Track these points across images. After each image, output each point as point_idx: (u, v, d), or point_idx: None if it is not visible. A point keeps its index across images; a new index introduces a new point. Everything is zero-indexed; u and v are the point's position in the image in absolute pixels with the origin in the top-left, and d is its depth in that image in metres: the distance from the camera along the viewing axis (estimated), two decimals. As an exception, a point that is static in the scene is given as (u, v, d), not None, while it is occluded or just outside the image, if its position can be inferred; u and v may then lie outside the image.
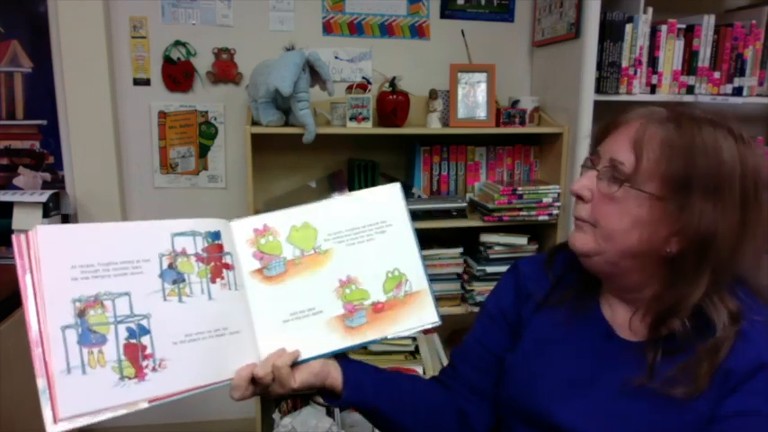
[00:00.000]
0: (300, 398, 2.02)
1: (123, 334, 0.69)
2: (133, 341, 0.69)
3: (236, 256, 0.79)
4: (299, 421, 1.89)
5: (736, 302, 0.74)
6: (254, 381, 0.75)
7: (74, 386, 0.65)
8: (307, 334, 0.79)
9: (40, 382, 0.64)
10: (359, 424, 1.99)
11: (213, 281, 0.76)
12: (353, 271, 0.82)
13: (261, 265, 0.80)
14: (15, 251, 0.66)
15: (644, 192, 0.72)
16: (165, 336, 0.71)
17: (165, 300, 0.72)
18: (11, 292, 1.57)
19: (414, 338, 2.05)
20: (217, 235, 0.78)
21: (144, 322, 0.70)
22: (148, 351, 0.69)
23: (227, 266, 0.77)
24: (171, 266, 0.73)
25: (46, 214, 1.82)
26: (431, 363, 2.03)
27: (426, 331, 2.09)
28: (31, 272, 0.66)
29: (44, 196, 1.82)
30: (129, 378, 0.68)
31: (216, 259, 0.77)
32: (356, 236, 0.83)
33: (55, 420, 0.63)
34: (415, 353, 2.04)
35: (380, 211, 0.85)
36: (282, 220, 0.82)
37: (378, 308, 0.82)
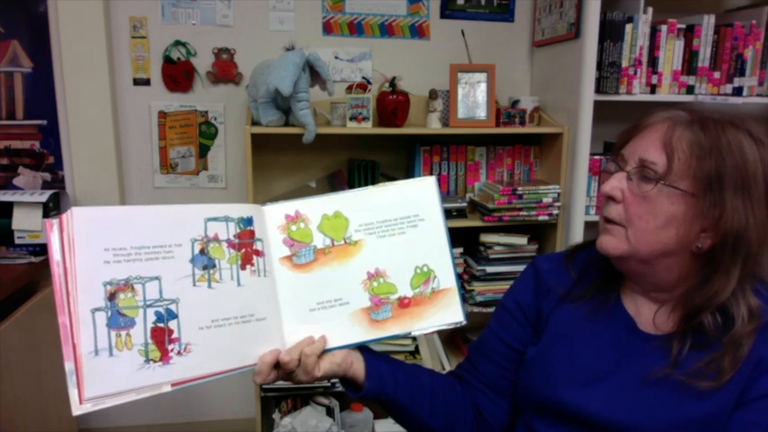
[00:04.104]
0: (300, 398, 2.02)
1: (151, 318, 0.69)
2: (160, 325, 0.70)
3: (266, 242, 0.79)
4: (299, 421, 1.89)
5: (756, 300, 0.77)
6: (276, 366, 0.76)
7: (100, 368, 0.66)
8: (332, 324, 0.80)
9: (68, 366, 0.64)
10: (359, 424, 1.99)
11: (243, 267, 0.76)
12: (382, 264, 0.82)
13: (290, 252, 0.80)
14: (48, 234, 0.66)
15: (679, 189, 0.75)
16: (192, 321, 0.71)
17: (194, 285, 0.72)
18: (11, 292, 1.57)
19: (414, 338, 2.05)
20: (249, 221, 0.78)
21: (172, 307, 0.71)
22: (175, 335, 0.70)
23: (258, 253, 0.78)
24: (202, 252, 0.74)
25: (46, 214, 1.82)
26: (431, 363, 2.03)
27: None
28: (64, 254, 0.66)
29: (44, 196, 1.82)
30: (155, 361, 0.68)
31: (247, 245, 0.77)
32: (387, 228, 0.83)
33: (81, 401, 0.64)
34: (415, 353, 2.04)
35: (414, 205, 0.84)
36: (315, 208, 0.82)
37: (404, 303, 0.82)
